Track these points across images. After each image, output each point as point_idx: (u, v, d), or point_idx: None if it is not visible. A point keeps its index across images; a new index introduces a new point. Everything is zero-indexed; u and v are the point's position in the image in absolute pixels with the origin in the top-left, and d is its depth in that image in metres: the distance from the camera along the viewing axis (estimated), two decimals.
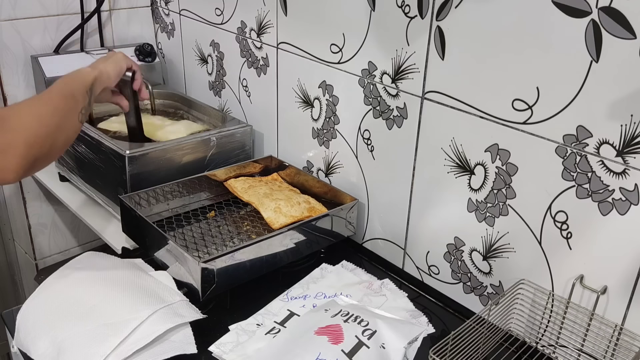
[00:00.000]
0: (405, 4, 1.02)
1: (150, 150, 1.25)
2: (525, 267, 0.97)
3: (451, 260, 1.09)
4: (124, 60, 1.16)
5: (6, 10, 1.46)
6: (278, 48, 1.32)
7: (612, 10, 0.76)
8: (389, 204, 1.18)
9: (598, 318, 0.88)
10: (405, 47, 1.04)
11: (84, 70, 1.05)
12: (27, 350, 0.92)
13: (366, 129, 1.17)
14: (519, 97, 0.90)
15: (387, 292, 1.09)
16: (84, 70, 1.05)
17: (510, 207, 0.96)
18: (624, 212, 0.82)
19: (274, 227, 1.16)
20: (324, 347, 0.88)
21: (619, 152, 0.81)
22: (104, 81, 1.09)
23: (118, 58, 1.15)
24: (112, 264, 1.04)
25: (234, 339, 0.96)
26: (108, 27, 1.66)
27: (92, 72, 1.05)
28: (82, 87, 1.00)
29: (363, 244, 1.27)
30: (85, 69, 1.05)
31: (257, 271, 1.08)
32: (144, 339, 0.89)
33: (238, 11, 1.40)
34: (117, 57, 1.15)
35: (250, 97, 1.47)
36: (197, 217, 1.25)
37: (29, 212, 1.65)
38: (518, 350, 0.97)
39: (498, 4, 0.89)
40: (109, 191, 1.31)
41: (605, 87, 0.80)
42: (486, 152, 0.97)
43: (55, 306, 0.95)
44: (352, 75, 1.16)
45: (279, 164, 1.38)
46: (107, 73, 1.10)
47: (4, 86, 1.50)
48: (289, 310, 1.02)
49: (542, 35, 0.85)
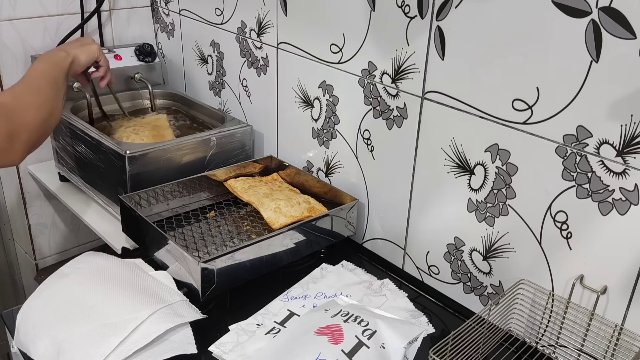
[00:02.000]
0: (405, 4, 1.02)
1: (150, 150, 1.25)
2: (525, 267, 0.97)
3: (451, 260, 1.09)
4: (97, 52, 1.19)
5: (6, 10, 1.46)
6: (278, 48, 1.32)
7: (612, 10, 0.76)
8: (389, 204, 1.18)
9: (598, 318, 0.88)
10: (405, 47, 1.04)
11: (60, 55, 1.09)
12: (27, 350, 0.92)
13: (366, 129, 1.17)
14: (519, 97, 0.90)
15: (387, 292, 1.09)
16: (60, 55, 1.09)
17: (510, 207, 0.96)
18: (624, 212, 0.82)
19: (274, 227, 1.16)
20: (324, 347, 0.88)
21: (619, 152, 0.81)
22: (75, 68, 1.14)
23: (92, 49, 1.18)
24: (112, 264, 1.04)
25: (234, 339, 0.96)
26: (108, 27, 1.66)
27: (68, 58, 1.09)
28: (62, 73, 1.06)
29: (363, 244, 1.27)
30: (61, 54, 1.10)
31: (257, 271, 1.08)
32: (144, 339, 0.89)
33: (238, 11, 1.40)
34: (91, 48, 1.18)
35: (250, 97, 1.47)
36: (197, 217, 1.25)
37: (29, 212, 1.65)
38: (518, 350, 0.97)
39: (498, 4, 0.89)
40: (109, 191, 1.31)
41: (605, 87, 0.80)
42: (486, 152, 0.97)
43: (55, 306, 0.95)
44: (352, 75, 1.16)
45: (279, 164, 1.38)
46: (78, 61, 1.14)
47: (4, 86, 1.50)
48: (289, 310, 1.02)
49: (542, 35, 0.85)
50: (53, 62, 1.07)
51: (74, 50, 1.14)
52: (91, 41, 1.21)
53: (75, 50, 1.15)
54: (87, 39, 1.21)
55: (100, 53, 1.22)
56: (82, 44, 1.18)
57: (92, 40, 1.21)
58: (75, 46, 1.16)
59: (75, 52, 1.14)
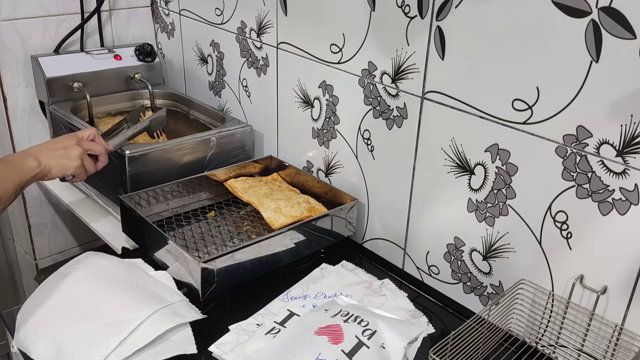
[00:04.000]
0: (405, 4, 1.02)
1: (150, 150, 1.25)
2: (525, 267, 0.97)
3: (451, 260, 1.09)
4: (73, 170, 1.07)
5: (6, 10, 1.46)
6: (278, 48, 1.32)
7: (612, 10, 0.76)
8: (389, 204, 1.18)
9: (598, 318, 0.88)
10: (405, 47, 1.04)
11: (28, 165, 0.98)
12: (27, 350, 0.92)
13: (366, 129, 1.17)
14: (519, 97, 0.90)
15: (387, 292, 1.09)
16: (28, 165, 0.98)
17: (510, 207, 0.96)
18: (624, 212, 0.82)
19: (274, 227, 1.16)
20: (324, 347, 0.88)
21: (619, 152, 0.81)
22: (42, 177, 1.03)
23: (69, 166, 1.06)
24: (112, 264, 1.04)
25: (234, 339, 0.96)
26: (108, 27, 1.66)
27: (34, 170, 0.99)
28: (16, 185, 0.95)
29: (363, 244, 1.27)
30: (31, 163, 0.99)
31: (257, 271, 1.08)
32: (144, 339, 0.89)
33: (238, 11, 1.40)
34: (69, 164, 1.06)
35: (250, 97, 1.47)
36: (197, 217, 1.25)
37: (29, 212, 1.65)
38: (518, 350, 0.97)
39: (498, 4, 0.89)
40: (109, 191, 1.31)
41: (605, 87, 0.80)
42: (486, 152, 0.97)
43: (55, 306, 0.95)
44: (352, 75, 1.16)
45: (279, 164, 1.38)
46: (49, 171, 1.03)
47: (4, 86, 1.50)
48: (289, 310, 1.02)
49: (542, 35, 0.85)
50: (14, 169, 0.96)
51: (49, 161, 1.03)
52: (75, 157, 1.07)
53: (50, 162, 1.03)
54: (72, 151, 1.07)
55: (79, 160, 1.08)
56: (64, 155, 1.06)
57: (77, 156, 1.07)
58: (55, 155, 1.04)
59: (49, 163, 1.02)
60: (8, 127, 1.55)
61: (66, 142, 1.08)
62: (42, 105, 1.54)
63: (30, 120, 1.57)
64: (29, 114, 1.57)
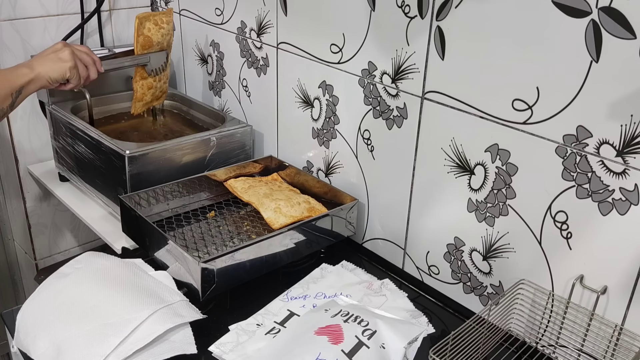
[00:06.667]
0: (405, 4, 1.02)
1: (150, 150, 1.25)
2: (525, 267, 0.97)
3: (451, 260, 1.09)
4: (69, 60, 1.08)
5: (6, 10, 1.46)
6: (278, 48, 1.32)
7: (612, 10, 0.76)
8: (389, 204, 1.18)
9: (598, 318, 0.88)
10: (405, 47, 1.04)
11: (21, 72, 1.02)
12: (27, 350, 0.92)
13: (366, 129, 1.17)
14: (519, 97, 0.90)
15: (387, 292, 1.09)
16: (21, 72, 1.02)
17: (510, 207, 0.96)
18: (624, 212, 0.82)
19: (274, 227, 1.16)
20: (324, 347, 0.88)
21: (619, 152, 0.81)
22: (43, 84, 1.06)
23: (64, 56, 1.08)
24: (112, 264, 1.04)
25: (234, 339, 0.96)
26: (108, 27, 1.66)
27: (28, 75, 1.02)
28: (7, 89, 0.99)
29: (363, 244, 1.27)
30: (23, 70, 1.03)
31: (257, 271, 1.08)
32: (144, 339, 0.89)
33: (238, 11, 1.40)
34: (63, 54, 1.08)
35: (250, 97, 1.46)
36: (197, 217, 1.25)
37: (29, 212, 1.65)
38: (518, 350, 0.97)
39: (498, 4, 0.89)
40: (109, 191, 1.31)
41: (605, 87, 0.80)
42: (486, 152, 0.97)
43: (55, 306, 0.95)
44: (352, 75, 1.16)
45: (279, 164, 1.38)
46: (47, 76, 1.06)
47: None
48: (289, 310, 1.02)
49: (542, 36, 0.85)
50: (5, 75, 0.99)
51: (43, 67, 1.04)
52: (67, 57, 1.09)
53: (44, 67, 1.05)
54: (62, 52, 1.09)
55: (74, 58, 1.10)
56: (56, 58, 1.07)
57: (68, 56, 1.09)
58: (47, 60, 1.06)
59: (42, 68, 1.04)
60: (8, 127, 1.55)
61: (56, 47, 1.11)
62: (42, 105, 1.54)
63: (30, 121, 1.57)
64: (29, 114, 1.57)
